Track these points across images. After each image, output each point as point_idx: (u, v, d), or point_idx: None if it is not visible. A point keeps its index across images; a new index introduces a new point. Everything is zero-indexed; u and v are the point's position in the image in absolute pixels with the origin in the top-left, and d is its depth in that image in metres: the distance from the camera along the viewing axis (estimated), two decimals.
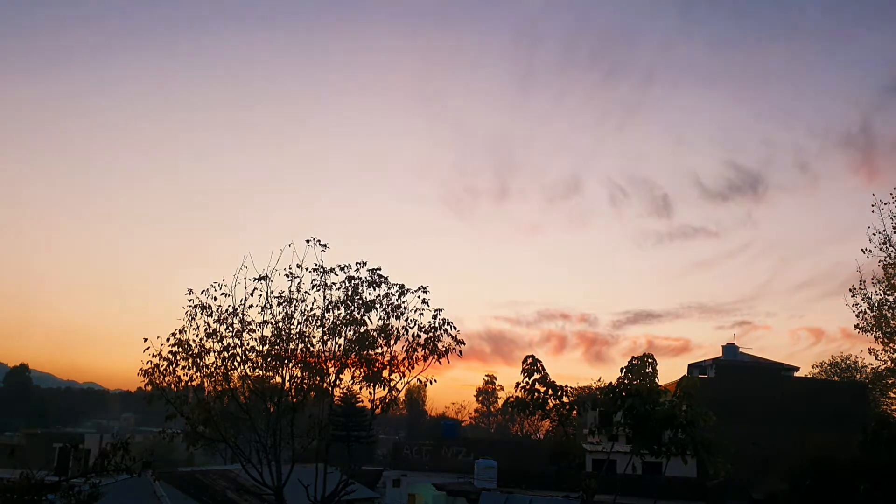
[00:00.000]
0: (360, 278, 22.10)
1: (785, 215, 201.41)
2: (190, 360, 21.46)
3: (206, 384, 21.97)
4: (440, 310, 21.94)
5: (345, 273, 22.11)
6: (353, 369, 21.91)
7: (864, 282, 31.10)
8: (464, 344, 21.96)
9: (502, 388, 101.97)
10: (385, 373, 21.82)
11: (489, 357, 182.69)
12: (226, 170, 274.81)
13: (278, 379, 21.90)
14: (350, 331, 21.78)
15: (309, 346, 21.77)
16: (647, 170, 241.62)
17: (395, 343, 21.90)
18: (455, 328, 21.93)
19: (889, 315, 30.65)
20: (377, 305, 21.99)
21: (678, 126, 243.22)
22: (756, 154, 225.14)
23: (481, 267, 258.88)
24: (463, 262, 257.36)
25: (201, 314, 21.66)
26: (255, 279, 21.71)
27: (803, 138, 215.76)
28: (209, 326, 21.62)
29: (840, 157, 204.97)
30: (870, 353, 32.51)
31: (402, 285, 22.27)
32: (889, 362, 33.20)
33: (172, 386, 21.36)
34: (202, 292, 21.71)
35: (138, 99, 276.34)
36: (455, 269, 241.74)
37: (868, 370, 57.97)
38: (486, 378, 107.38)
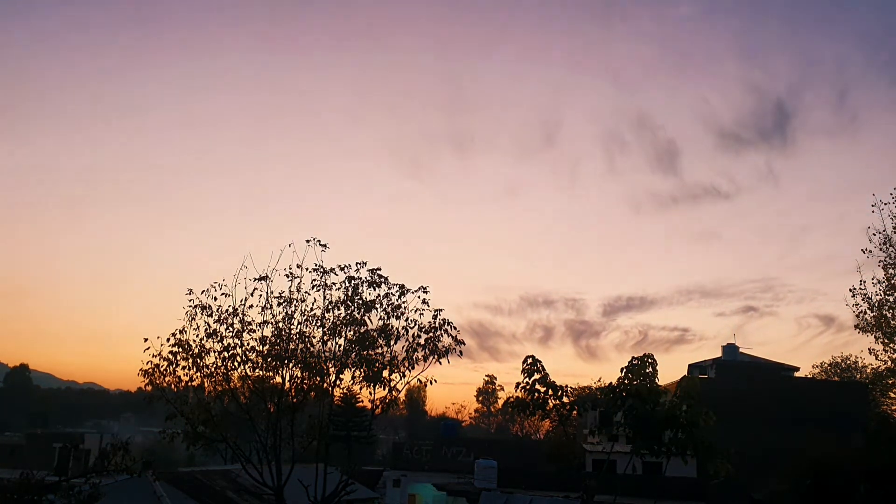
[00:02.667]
0: (361, 278, 22.12)
1: (814, 166, 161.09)
2: (190, 361, 21.46)
3: (206, 384, 21.97)
4: (440, 310, 22.03)
5: (345, 273, 22.15)
6: (353, 369, 21.91)
7: (864, 282, 31.15)
8: (464, 344, 22.07)
9: (502, 388, 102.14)
10: (385, 373, 21.83)
11: (473, 352, 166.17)
12: (227, 168, 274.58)
13: (278, 379, 21.90)
14: (350, 331, 21.78)
15: (309, 346, 21.78)
16: (644, 101, 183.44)
17: (395, 343, 21.94)
18: (455, 328, 22.01)
19: (889, 315, 30.66)
20: (377, 305, 22.00)
21: (678, 31, 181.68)
22: (784, 74, 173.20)
23: (448, 241, 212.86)
24: (426, 236, 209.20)
25: (201, 314, 21.68)
26: (256, 279, 21.74)
27: (846, 51, 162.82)
28: (209, 326, 21.64)
29: (891, 77, 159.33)
30: (870, 353, 32.53)
31: (403, 285, 22.33)
32: (889, 362, 33.20)
33: (172, 386, 21.38)
34: (202, 292, 21.76)
35: (137, 97, 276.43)
36: (417, 244, 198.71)
37: (868, 370, 58.02)
38: (486, 378, 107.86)
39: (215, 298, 21.74)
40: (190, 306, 21.68)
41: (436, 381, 22.15)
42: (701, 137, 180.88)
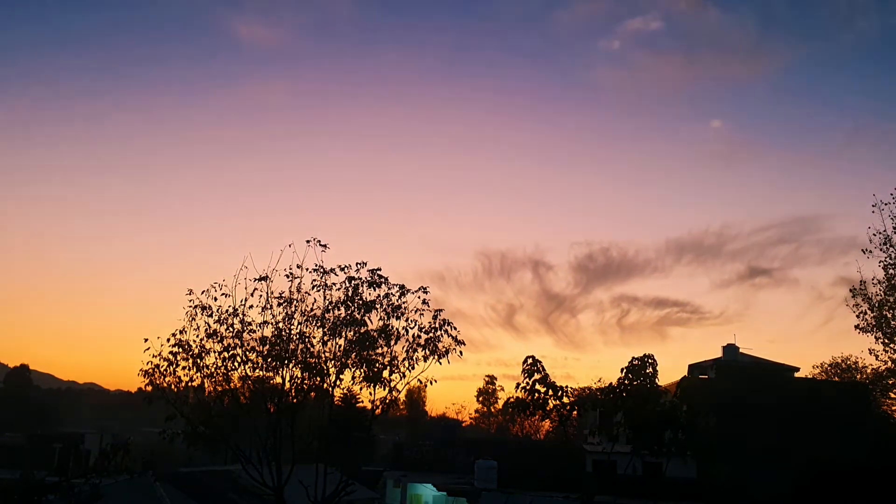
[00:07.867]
0: (361, 279, 22.12)
1: None
2: (190, 361, 21.46)
3: (206, 384, 21.97)
4: (440, 310, 22.02)
5: (345, 273, 22.14)
6: (353, 370, 21.91)
7: (865, 282, 31.13)
8: (464, 344, 22.01)
9: (502, 389, 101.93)
10: (385, 373, 21.82)
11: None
12: (226, 168, 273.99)
13: (278, 379, 21.89)
14: (350, 331, 21.77)
15: (309, 346, 21.77)
16: None
17: (396, 343, 21.92)
18: (455, 328, 21.99)
19: (889, 315, 30.63)
20: (377, 306, 21.99)
21: None
22: None
23: (362, 171, 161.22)
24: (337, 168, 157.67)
25: (202, 314, 21.68)
26: (256, 279, 21.74)
27: None
28: (209, 327, 21.64)
29: None
30: (870, 353, 32.49)
31: (403, 286, 22.34)
32: (889, 362, 33.17)
33: (173, 386, 21.37)
34: (202, 293, 21.77)
35: (136, 96, 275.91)
36: (330, 188, 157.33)
37: (868, 370, 58.00)
38: (486, 378, 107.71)
39: (215, 299, 21.78)
40: (190, 306, 21.71)
41: (436, 381, 22.16)
42: None
